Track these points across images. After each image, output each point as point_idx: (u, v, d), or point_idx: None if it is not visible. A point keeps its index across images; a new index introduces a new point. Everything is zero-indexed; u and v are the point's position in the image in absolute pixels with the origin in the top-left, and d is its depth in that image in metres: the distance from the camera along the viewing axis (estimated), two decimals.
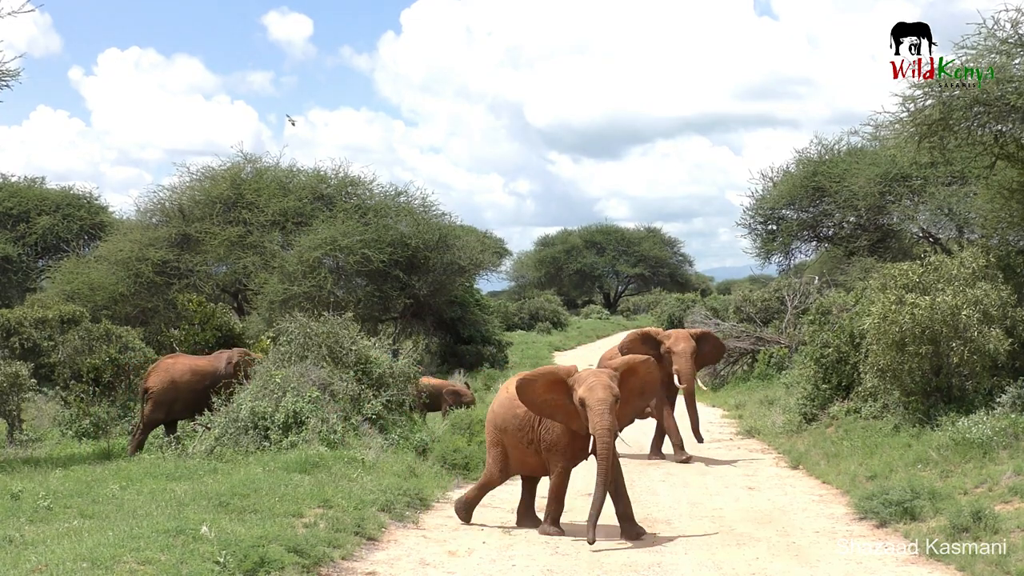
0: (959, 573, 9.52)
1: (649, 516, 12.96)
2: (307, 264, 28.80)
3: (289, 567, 9.26)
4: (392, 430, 16.63)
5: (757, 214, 31.54)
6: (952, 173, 25.38)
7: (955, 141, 16.87)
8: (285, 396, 15.81)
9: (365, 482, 13.11)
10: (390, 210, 32.03)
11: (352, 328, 18.32)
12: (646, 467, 17.26)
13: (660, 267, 76.53)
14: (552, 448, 11.81)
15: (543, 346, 46.35)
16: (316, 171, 34.04)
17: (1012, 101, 15.18)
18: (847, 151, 30.51)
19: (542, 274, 74.02)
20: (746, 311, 33.65)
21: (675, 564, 10.36)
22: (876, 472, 14.15)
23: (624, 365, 11.99)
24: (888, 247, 29.61)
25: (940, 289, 16.71)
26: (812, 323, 22.76)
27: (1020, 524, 10.28)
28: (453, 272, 32.67)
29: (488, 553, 10.93)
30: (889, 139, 18.80)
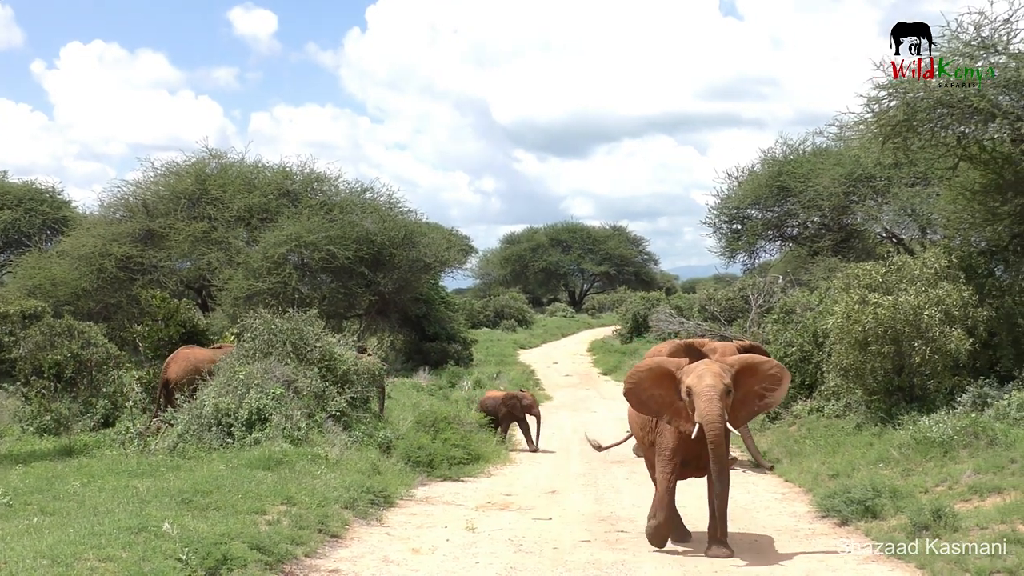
0: (919, 571, 9.58)
1: (613, 514, 13.00)
2: (272, 260, 28.71)
3: (252, 564, 9.21)
4: (356, 427, 16.59)
5: (722, 213, 31.61)
6: (915, 174, 25.52)
7: (919, 142, 16.98)
8: (249, 393, 15.74)
9: (329, 479, 13.06)
10: (356, 207, 31.95)
11: (317, 325, 18.27)
12: (610, 466, 17.28)
13: (625, 266, 76.61)
14: (662, 451, 11.02)
15: (508, 344, 46.34)
16: (281, 167, 33.93)
17: (975, 103, 15.29)
18: (812, 151, 30.62)
19: (507, 272, 73.99)
20: (710, 310, 33.75)
21: (638, 563, 10.38)
22: (838, 470, 14.24)
23: (742, 363, 10.89)
24: (852, 247, 29.74)
25: (903, 289, 16.84)
26: (776, 322, 22.86)
27: (979, 522, 10.36)
28: (418, 269, 32.63)
29: (451, 551, 10.92)
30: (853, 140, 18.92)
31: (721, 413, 10.24)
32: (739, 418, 10.91)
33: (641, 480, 15.64)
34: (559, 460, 18.04)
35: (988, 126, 16.01)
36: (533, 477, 16.13)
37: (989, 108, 15.40)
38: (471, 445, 17.08)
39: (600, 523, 12.43)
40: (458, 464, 16.18)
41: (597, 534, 11.76)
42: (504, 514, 13.08)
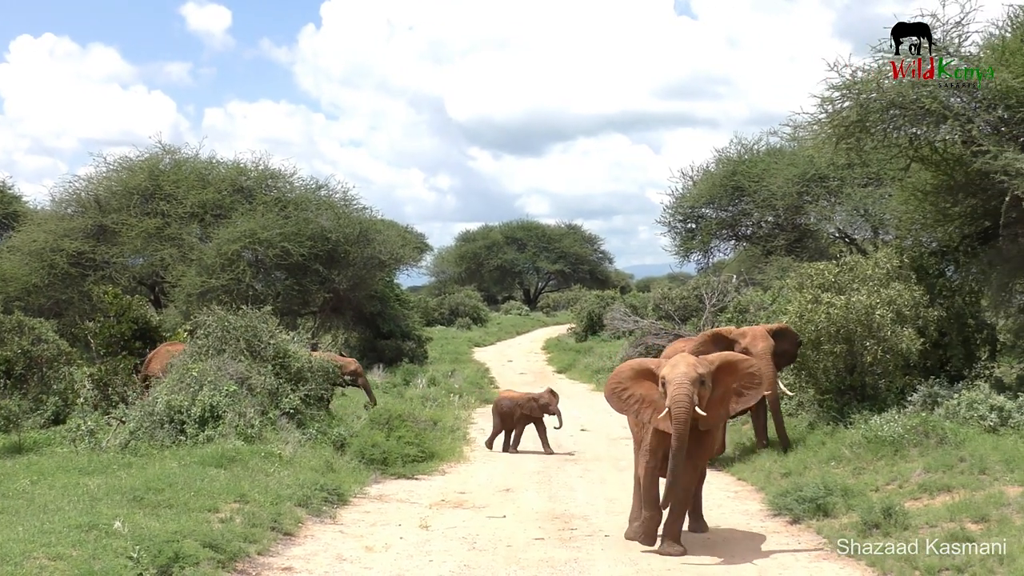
0: (870, 569, 9.67)
1: (567, 512, 13.03)
2: (226, 257, 28.52)
3: (204, 562, 9.17)
4: (310, 424, 16.54)
5: (677, 212, 31.72)
6: (868, 175, 25.72)
7: (871, 143, 17.10)
8: (202, 390, 15.65)
9: (282, 477, 13.02)
10: (310, 203, 31.80)
11: (271, 322, 18.21)
12: (564, 463, 17.32)
13: (580, 264, 76.71)
14: (644, 446, 11.17)
15: (463, 342, 46.31)
16: (236, 163, 33.67)
17: (927, 104, 15.42)
18: (766, 151, 30.80)
19: (463, 270, 73.91)
20: (665, 309, 33.90)
21: (592, 560, 10.41)
22: (790, 469, 14.34)
23: (721, 360, 11.13)
24: (805, 247, 29.94)
25: (855, 289, 16.97)
26: (730, 321, 23.03)
27: (929, 521, 10.46)
28: (373, 266, 32.52)
29: (405, 548, 10.92)
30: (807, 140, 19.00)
31: (689, 396, 10.39)
32: (718, 415, 11.15)
33: (595, 479, 15.71)
34: (513, 458, 18.05)
35: (940, 127, 16.15)
36: (487, 475, 16.14)
37: (940, 110, 15.54)
38: (425, 443, 17.05)
39: (554, 521, 12.46)
40: (412, 462, 16.14)
41: (551, 532, 11.79)
42: (458, 512, 13.08)
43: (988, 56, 15.73)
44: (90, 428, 15.42)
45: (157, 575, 8.67)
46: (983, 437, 13.32)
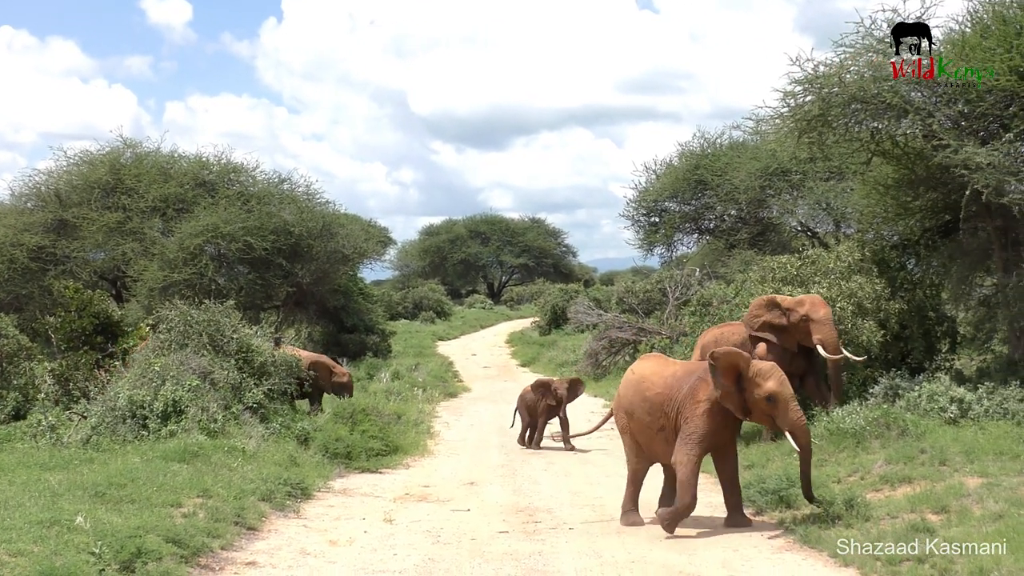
0: (831, 560, 9.72)
1: (531, 505, 13.04)
2: (188, 251, 28.40)
3: (167, 557, 9.12)
4: (274, 419, 16.48)
5: (640, 206, 31.88)
6: (830, 168, 25.91)
7: (833, 137, 17.21)
8: (164, 384, 15.56)
9: (245, 471, 12.97)
10: (273, 197, 31.71)
11: (234, 316, 18.13)
12: (529, 456, 17.35)
13: (544, 258, 76.70)
14: (690, 436, 11.18)
15: (427, 335, 46.27)
16: (198, 157, 33.52)
17: (888, 99, 15.52)
18: (729, 145, 30.98)
19: (426, 263, 73.77)
20: (628, 302, 33.98)
21: (556, 553, 10.43)
22: (753, 461, 14.41)
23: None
24: (768, 240, 30.14)
25: (817, 282, 17.10)
26: (693, 314, 23.08)
27: (890, 512, 10.54)
28: (337, 260, 32.46)
29: (369, 542, 10.91)
30: (770, 134, 19.09)
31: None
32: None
33: (559, 472, 15.73)
34: (477, 451, 18.06)
35: (901, 122, 16.25)
36: (451, 469, 16.13)
37: (901, 104, 15.64)
38: (389, 437, 17.03)
39: (518, 514, 12.47)
40: (376, 456, 16.14)
41: (515, 525, 11.80)
42: (422, 505, 13.07)
43: (948, 51, 15.83)
44: (51, 424, 15.29)
45: (119, 570, 8.63)
46: (943, 429, 13.44)
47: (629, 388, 11.80)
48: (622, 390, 11.94)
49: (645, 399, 11.57)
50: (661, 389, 11.50)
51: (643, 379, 11.70)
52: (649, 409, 11.54)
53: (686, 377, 11.50)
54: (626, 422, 11.86)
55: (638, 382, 11.72)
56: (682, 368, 11.86)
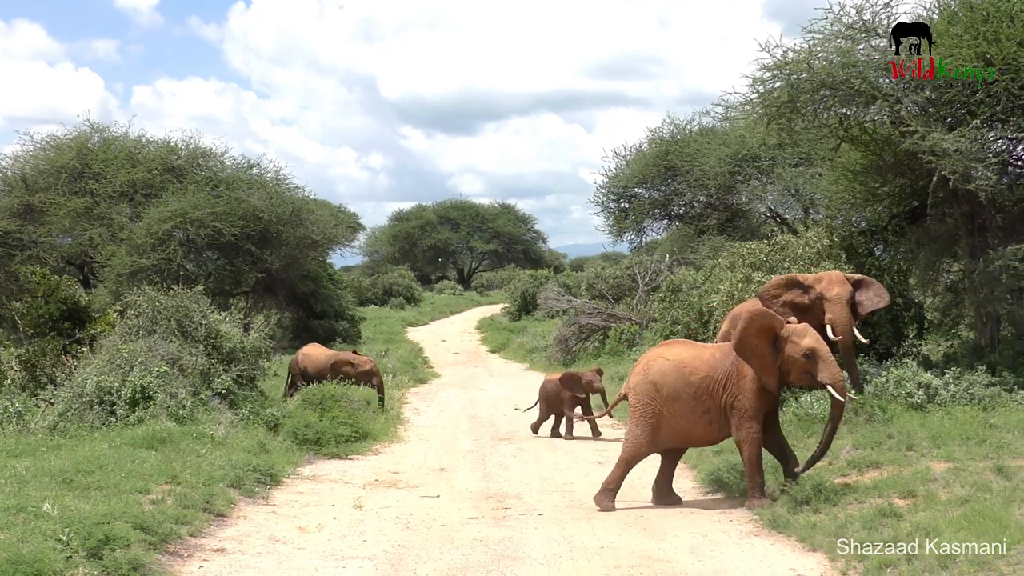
0: (799, 544, 9.79)
1: (501, 491, 13.06)
2: (156, 237, 28.26)
3: (135, 544, 9.08)
4: (243, 405, 16.44)
5: (610, 192, 31.91)
6: (799, 155, 25.98)
7: (802, 123, 17.26)
8: (132, 371, 15.49)
9: (214, 458, 12.92)
10: (242, 183, 31.56)
11: (202, 302, 18.06)
12: (498, 443, 17.35)
13: (514, 243, 76.80)
14: (744, 413, 11.45)
15: (396, 322, 46.23)
16: (166, 142, 33.30)
17: (856, 85, 15.57)
18: (698, 131, 31.03)
19: (396, 249, 73.71)
20: (598, 288, 34.03)
21: (525, 538, 10.45)
22: (722, 447, 14.43)
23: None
24: (737, 226, 30.23)
25: (786, 268, 17.15)
26: (662, 300, 23.16)
27: (858, 497, 10.61)
28: (306, 246, 32.39)
29: (339, 529, 10.90)
30: (739, 120, 19.16)
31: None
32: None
33: (529, 458, 15.76)
34: (447, 438, 18.06)
35: (869, 108, 16.32)
36: (421, 455, 16.13)
37: (870, 90, 15.69)
38: (359, 423, 17.00)
39: (488, 500, 12.48)
40: (345, 442, 16.11)
41: (485, 511, 11.81)
42: (392, 492, 13.07)
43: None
44: (18, 410, 15.18)
45: (87, 557, 8.58)
46: (910, 414, 13.52)
47: (669, 374, 11.69)
48: (659, 377, 11.75)
49: (689, 383, 11.60)
50: (706, 371, 11.60)
51: (684, 364, 11.69)
52: (695, 393, 11.59)
53: (725, 357, 11.67)
54: (656, 407, 11.74)
55: (679, 367, 11.68)
56: (718, 349, 11.99)
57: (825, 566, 9.08)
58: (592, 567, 9.35)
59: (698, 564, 9.36)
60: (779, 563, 9.29)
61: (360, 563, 9.53)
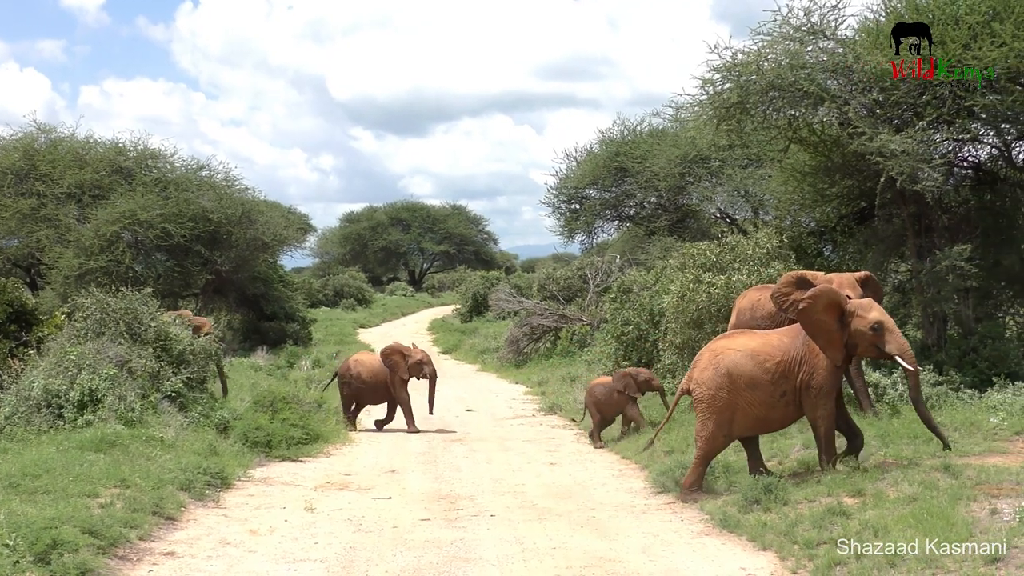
0: (750, 543, 9.84)
1: (453, 492, 13.04)
2: (104, 238, 28.06)
3: (83, 549, 8.99)
4: (193, 408, 16.32)
5: (561, 193, 31.99)
6: (748, 156, 26.14)
7: (751, 124, 17.39)
8: (80, 373, 15.35)
9: (164, 461, 12.83)
10: (192, 184, 31.40)
11: (151, 304, 17.91)
12: (450, 444, 17.34)
13: (465, 245, 76.81)
14: (820, 390, 11.50)
15: (348, 323, 46.14)
16: (114, 143, 33.06)
17: (805, 87, 15.70)
18: (649, 132, 31.16)
19: (347, 251, 73.53)
20: (549, 289, 34.13)
21: (477, 540, 10.44)
22: (673, 447, 14.52)
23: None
24: (687, 227, 30.38)
25: (736, 269, 17.26)
26: (613, 301, 23.21)
27: (807, 496, 10.68)
28: (256, 248, 32.28)
29: (290, 531, 10.85)
30: (689, 121, 19.23)
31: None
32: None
33: (481, 459, 15.75)
34: (399, 439, 18.03)
35: (817, 109, 16.45)
36: (373, 457, 16.10)
37: (818, 92, 15.82)
38: (310, 425, 16.93)
39: (440, 501, 12.47)
40: (297, 444, 16.03)
41: (437, 513, 11.80)
42: (343, 494, 13.02)
43: (863, 40, 16.05)
44: None
45: (34, 562, 8.49)
46: (859, 413, 13.63)
47: (744, 364, 11.65)
48: (733, 367, 11.67)
49: (766, 370, 11.62)
50: (780, 356, 11.65)
51: (756, 351, 11.71)
52: (772, 379, 11.60)
53: (793, 339, 11.78)
54: (732, 398, 11.69)
55: (753, 355, 11.68)
56: (783, 333, 12.05)
57: (775, 565, 9.13)
58: (544, 568, 9.36)
59: (650, 564, 9.39)
60: (730, 562, 9.33)
61: (311, 565, 9.49)
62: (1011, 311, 17.97)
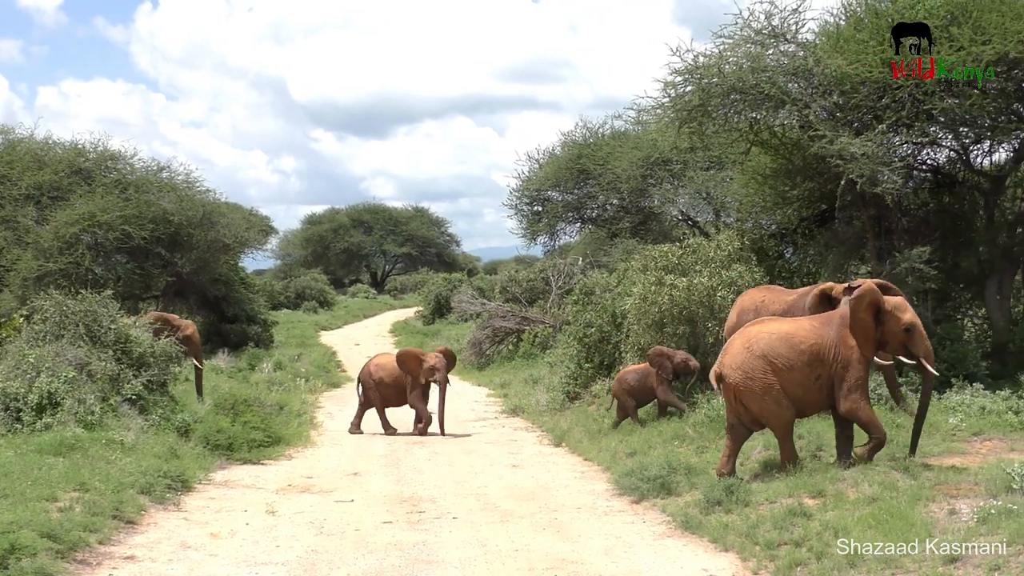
0: (712, 544, 9.88)
1: (415, 495, 13.02)
2: (64, 240, 27.82)
3: (42, 553, 8.93)
4: (153, 410, 16.22)
5: (523, 195, 32.01)
6: (710, 158, 26.24)
7: (713, 127, 17.47)
8: (39, 376, 15.23)
9: (124, 464, 12.74)
10: (152, 186, 31.17)
11: (112, 306, 17.80)
12: (412, 446, 17.32)
13: (427, 247, 76.72)
14: (855, 383, 11.55)
15: (309, 325, 45.97)
16: (73, 144, 32.75)
17: (766, 90, 15.78)
18: (611, 135, 31.22)
19: (308, 253, 73.28)
20: (512, 291, 34.17)
21: (440, 542, 10.43)
22: (635, 449, 14.56)
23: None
24: (649, 229, 30.46)
25: (697, 271, 17.31)
26: (576, 303, 23.23)
27: (769, 497, 10.73)
28: (217, 250, 32.08)
29: (251, 534, 10.80)
30: (651, 124, 19.31)
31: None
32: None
33: (443, 461, 15.74)
34: (361, 442, 17.99)
35: (778, 112, 16.56)
36: (335, 459, 16.05)
37: (779, 95, 15.92)
38: (272, 427, 16.87)
39: (402, 504, 12.44)
40: (258, 447, 15.96)
41: (399, 515, 11.78)
42: (305, 497, 12.98)
43: (824, 43, 16.16)
44: None
45: None
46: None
47: (779, 346, 11.66)
48: (768, 350, 11.65)
49: (802, 352, 11.62)
50: (815, 339, 11.66)
51: (791, 334, 11.72)
52: (808, 361, 11.61)
53: (824, 327, 11.81)
54: (771, 380, 11.65)
55: (788, 338, 11.69)
56: (815, 319, 12.09)
57: (737, 566, 9.18)
58: (506, 570, 9.37)
59: (612, 566, 9.41)
60: (692, 563, 9.37)
61: (273, 569, 9.45)
62: (969, 313, 18.13)
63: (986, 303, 17.50)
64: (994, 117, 16.11)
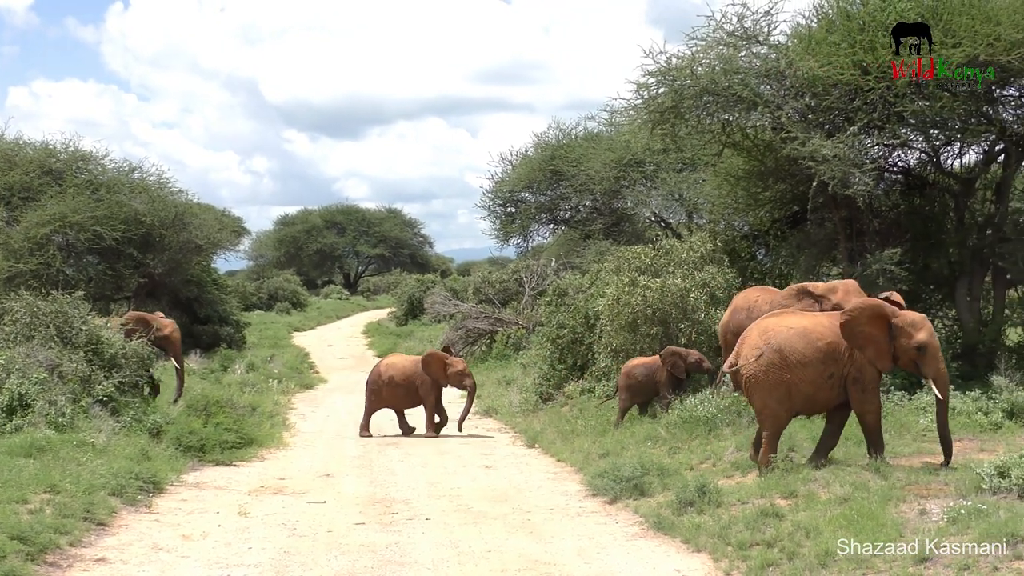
0: (684, 545, 9.91)
1: (388, 496, 13.00)
2: (34, 241, 27.68)
3: (11, 555, 8.88)
4: (125, 412, 16.15)
5: (496, 196, 32.04)
6: (683, 160, 26.32)
7: (686, 128, 17.52)
8: (9, 378, 15.13)
9: (95, 466, 12.67)
10: (124, 186, 31.01)
11: (83, 307, 17.71)
12: (385, 447, 17.30)
13: (400, 248, 76.61)
14: (868, 385, 11.71)
15: (282, 326, 45.82)
16: (44, 145, 32.56)
17: (738, 91, 15.84)
18: (584, 136, 31.29)
19: (281, 254, 73.00)
20: (485, 292, 34.14)
21: (413, 543, 10.42)
22: (609, 450, 14.58)
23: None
24: (622, 230, 30.51)
25: (670, 272, 17.36)
26: (549, 304, 23.25)
27: (740, 498, 10.77)
28: (190, 251, 31.95)
29: (224, 536, 10.76)
30: (624, 125, 19.35)
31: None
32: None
33: (416, 463, 15.72)
34: (334, 443, 17.96)
35: (751, 114, 16.61)
36: (308, 460, 16.02)
37: (751, 97, 15.98)
38: (244, 429, 16.82)
39: (375, 505, 12.43)
40: (231, 448, 15.90)
41: (372, 516, 11.76)
42: (278, 498, 12.95)
43: (795, 45, 16.23)
44: None
45: None
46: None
47: (796, 341, 11.70)
48: (784, 344, 11.68)
49: (817, 349, 11.66)
50: (831, 337, 11.70)
51: (809, 330, 11.76)
52: (822, 358, 11.65)
53: None
54: (784, 375, 11.68)
55: (805, 333, 11.73)
56: (835, 317, 12.02)
57: (709, 566, 9.21)
58: (479, 571, 9.37)
59: (584, 567, 9.43)
60: (664, 564, 9.39)
61: (245, 570, 9.43)
62: (940, 314, 18.22)
63: (956, 304, 17.59)
64: (964, 119, 16.21)
